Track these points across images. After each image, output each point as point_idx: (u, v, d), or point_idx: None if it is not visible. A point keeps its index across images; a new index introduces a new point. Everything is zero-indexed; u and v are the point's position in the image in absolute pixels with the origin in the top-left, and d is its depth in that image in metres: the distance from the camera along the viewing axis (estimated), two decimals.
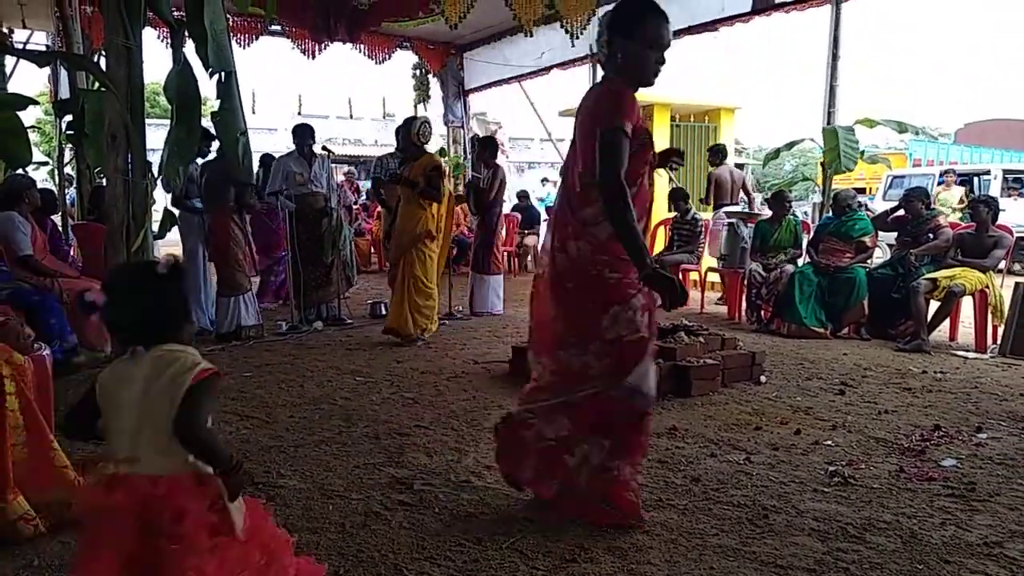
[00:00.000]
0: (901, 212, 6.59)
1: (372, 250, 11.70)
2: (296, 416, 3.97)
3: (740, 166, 11.10)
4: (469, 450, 3.41)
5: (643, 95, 9.90)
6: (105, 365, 4.60)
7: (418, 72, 13.44)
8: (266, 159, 7.84)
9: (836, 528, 2.58)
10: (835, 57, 7.69)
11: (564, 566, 2.32)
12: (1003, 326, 5.70)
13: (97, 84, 2.93)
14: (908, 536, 2.52)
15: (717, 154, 9.02)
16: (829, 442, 3.52)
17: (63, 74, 8.65)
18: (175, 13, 3.04)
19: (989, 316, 5.81)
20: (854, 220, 6.59)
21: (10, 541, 2.41)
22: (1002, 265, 6.18)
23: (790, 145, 9.01)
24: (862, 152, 8.09)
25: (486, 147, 7.62)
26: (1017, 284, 5.69)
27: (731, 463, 3.24)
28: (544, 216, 13.63)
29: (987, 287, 5.81)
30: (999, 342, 5.70)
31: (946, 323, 6.12)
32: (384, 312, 7.41)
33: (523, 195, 12.96)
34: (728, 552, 2.41)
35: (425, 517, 2.69)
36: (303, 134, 6.70)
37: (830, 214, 7.00)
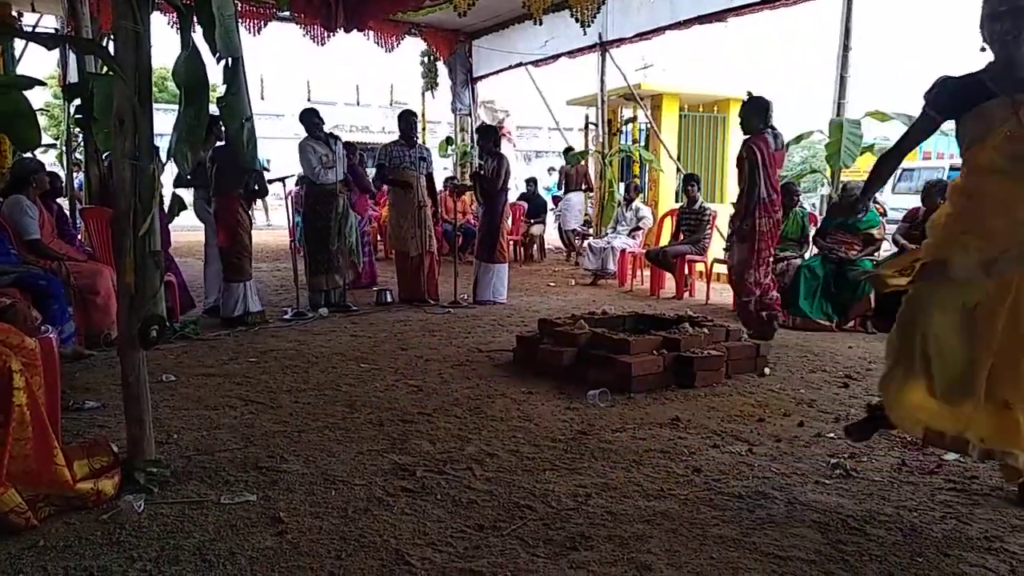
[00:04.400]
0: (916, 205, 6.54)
1: (379, 238, 11.68)
2: (300, 402, 3.99)
3: None
4: (472, 438, 3.42)
5: (652, 85, 9.89)
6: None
7: (426, 59, 13.40)
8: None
9: (837, 520, 2.59)
10: (846, 48, 7.62)
11: (565, 554, 2.33)
12: None
13: (105, 68, 2.92)
14: (908, 529, 2.53)
15: (569, 153, 12.50)
16: (832, 435, 3.52)
17: (72, 58, 8.66)
18: None
19: None
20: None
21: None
22: None
23: (799, 138, 8.96)
24: (871, 145, 8.04)
25: (486, 136, 7.62)
26: None
27: (733, 454, 3.25)
28: (551, 206, 13.61)
29: None
30: None
31: None
32: (390, 299, 7.44)
33: (531, 181, 12.91)
34: (728, 542, 2.42)
35: (427, 504, 2.71)
36: (313, 116, 6.71)
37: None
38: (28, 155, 5.52)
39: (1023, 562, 2.30)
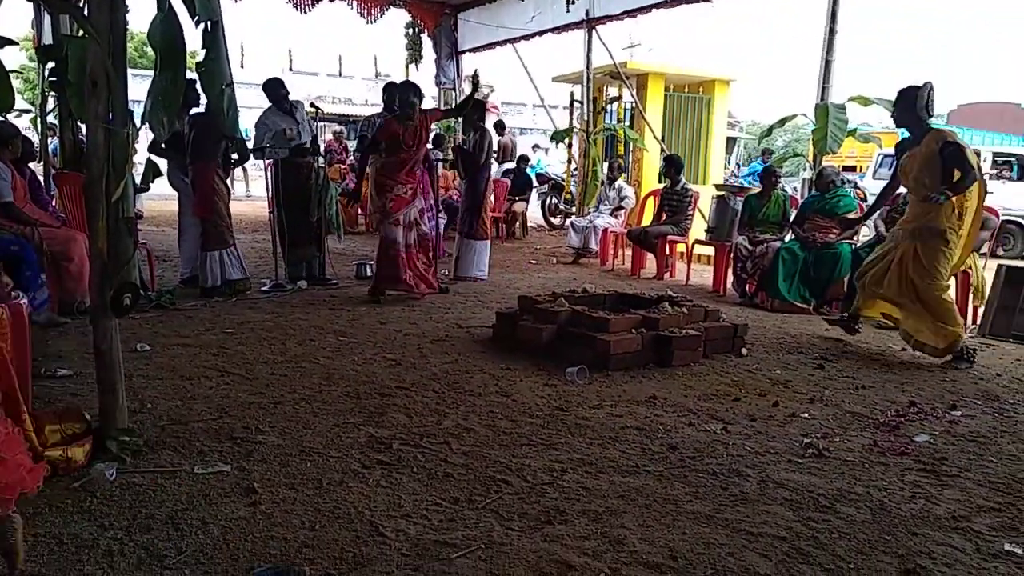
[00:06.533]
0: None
1: (360, 211, 11.57)
2: (277, 373, 3.97)
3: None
4: (449, 412, 3.42)
5: (638, 64, 9.81)
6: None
7: (411, 31, 13.21)
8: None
9: (808, 498, 2.62)
10: (832, 31, 7.61)
11: (539, 527, 2.35)
12: (983, 307, 5.75)
13: (81, 31, 2.85)
14: (878, 508, 2.56)
15: (500, 125, 13.28)
16: (806, 415, 3.56)
17: (47, 20, 8.43)
18: None
19: (971, 297, 5.86)
20: (838, 196, 6.57)
21: None
22: (986, 247, 6.21)
23: (782, 121, 8.97)
24: (854, 130, 8.05)
25: (472, 109, 7.52)
26: (1000, 267, 5.73)
27: (708, 432, 3.28)
28: (535, 184, 13.54)
29: (970, 268, 5.84)
30: (979, 323, 5.75)
31: None
32: (369, 273, 7.38)
33: (523, 159, 12.75)
34: (701, 518, 2.44)
35: (403, 476, 2.70)
36: (277, 87, 6.57)
37: (815, 191, 6.96)
38: (1, 119, 5.38)
39: (988, 541, 2.34)
